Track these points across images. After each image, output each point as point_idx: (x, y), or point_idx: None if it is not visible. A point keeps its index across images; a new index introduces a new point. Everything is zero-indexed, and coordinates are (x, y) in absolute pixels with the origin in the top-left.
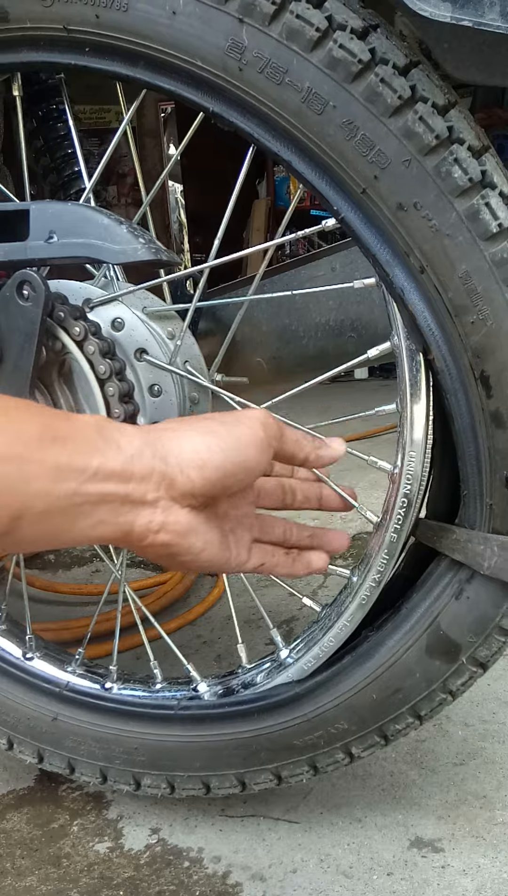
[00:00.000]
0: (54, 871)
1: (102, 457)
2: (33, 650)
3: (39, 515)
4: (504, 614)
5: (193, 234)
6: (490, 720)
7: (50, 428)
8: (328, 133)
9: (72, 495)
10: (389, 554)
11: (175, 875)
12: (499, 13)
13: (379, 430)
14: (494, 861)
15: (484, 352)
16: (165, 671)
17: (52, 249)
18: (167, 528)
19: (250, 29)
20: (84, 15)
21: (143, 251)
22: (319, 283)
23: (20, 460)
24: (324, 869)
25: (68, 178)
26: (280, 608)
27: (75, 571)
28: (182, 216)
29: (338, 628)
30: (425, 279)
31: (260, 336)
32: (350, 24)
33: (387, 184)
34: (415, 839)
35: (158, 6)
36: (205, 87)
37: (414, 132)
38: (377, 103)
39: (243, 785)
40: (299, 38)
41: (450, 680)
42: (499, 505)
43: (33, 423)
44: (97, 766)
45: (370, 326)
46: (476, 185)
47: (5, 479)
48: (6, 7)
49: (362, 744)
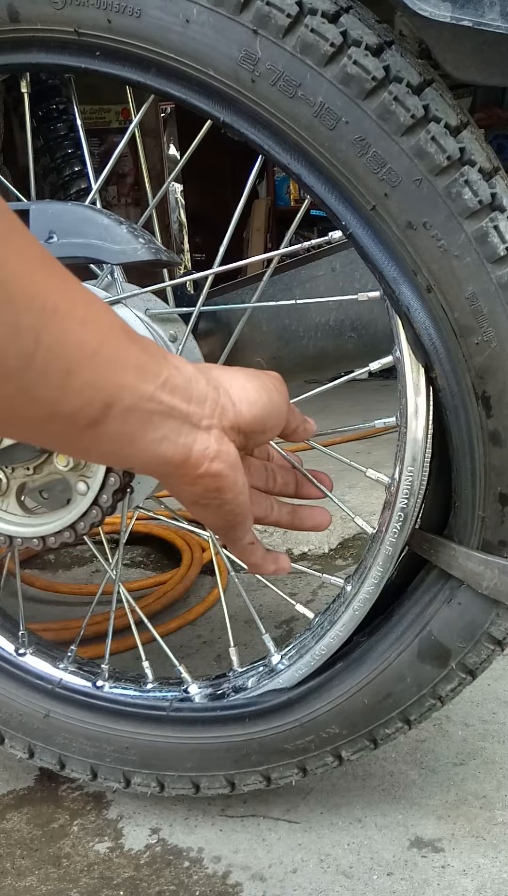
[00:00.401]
0: (54, 871)
1: (168, 370)
2: (26, 646)
3: (125, 412)
4: (493, 622)
5: (193, 233)
6: (490, 720)
7: (127, 327)
8: (340, 149)
9: (148, 399)
10: (384, 567)
11: (175, 875)
12: (499, 13)
13: (379, 430)
14: (494, 861)
15: (487, 373)
16: (166, 671)
17: (51, 249)
18: (221, 456)
19: (264, 41)
20: (96, 19)
21: (143, 251)
22: (319, 283)
23: (115, 347)
24: (324, 869)
25: (68, 178)
26: (280, 608)
27: (75, 571)
28: (182, 216)
29: (331, 637)
30: (432, 298)
31: (260, 336)
32: (365, 41)
33: (397, 202)
34: (415, 839)
35: (172, 14)
36: (216, 96)
37: (426, 152)
38: (389, 121)
39: (232, 786)
40: (314, 52)
41: (440, 685)
42: (491, 518)
43: (115, 318)
44: (88, 763)
45: (369, 326)
46: (486, 207)
47: (106, 360)
48: (17, 8)
49: (351, 747)
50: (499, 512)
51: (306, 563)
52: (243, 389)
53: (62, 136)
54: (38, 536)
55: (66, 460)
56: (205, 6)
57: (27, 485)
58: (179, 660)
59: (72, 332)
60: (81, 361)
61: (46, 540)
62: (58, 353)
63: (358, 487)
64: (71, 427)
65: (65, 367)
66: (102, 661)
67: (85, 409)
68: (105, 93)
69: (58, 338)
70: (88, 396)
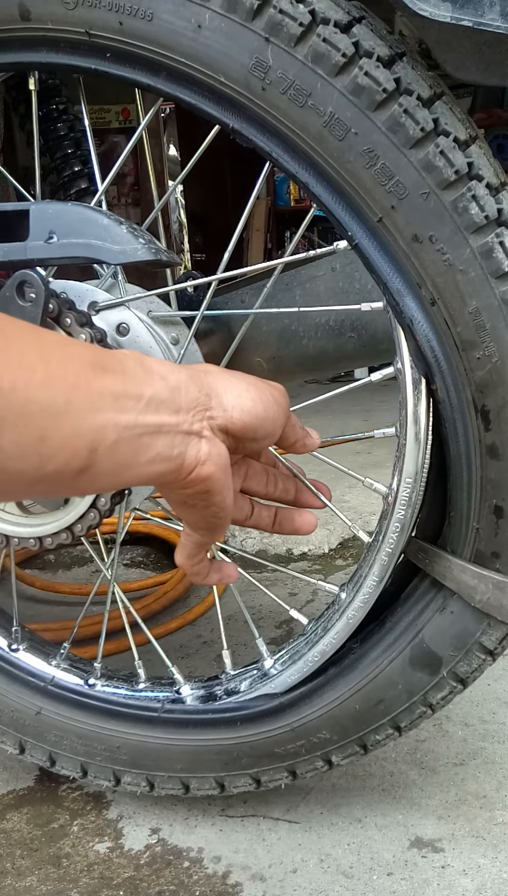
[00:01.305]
0: (54, 871)
1: (150, 387)
2: (19, 642)
3: (111, 447)
4: (485, 631)
5: (192, 233)
6: (490, 720)
7: (98, 358)
8: (348, 160)
9: (133, 426)
10: (379, 576)
11: (175, 875)
12: (499, 13)
13: None
14: (494, 861)
15: (487, 387)
16: (163, 671)
17: (51, 250)
18: (212, 458)
19: (275, 49)
20: (107, 21)
21: (143, 251)
22: (319, 283)
23: (87, 390)
24: (324, 869)
25: (68, 178)
26: (280, 608)
27: (75, 571)
28: (182, 216)
29: (324, 644)
30: (435, 312)
31: (260, 336)
32: (377, 52)
33: (404, 215)
34: (415, 839)
35: (184, 18)
36: (226, 102)
37: (434, 165)
38: (399, 134)
39: (222, 787)
40: (325, 62)
41: (431, 693)
42: (486, 530)
43: (82, 355)
44: (78, 761)
45: (369, 326)
46: (492, 223)
47: (78, 409)
48: (28, 6)
49: (342, 752)
50: (494, 524)
51: (307, 563)
52: (238, 397)
53: (62, 136)
54: (35, 537)
55: None
56: (217, 12)
57: None
58: (179, 659)
59: (35, 401)
60: (53, 423)
61: (43, 541)
62: (26, 425)
63: (358, 488)
64: (60, 480)
65: (38, 435)
66: (96, 660)
67: (70, 462)
68: (105, 93)
69: (21, 411)
70: (70, 450)
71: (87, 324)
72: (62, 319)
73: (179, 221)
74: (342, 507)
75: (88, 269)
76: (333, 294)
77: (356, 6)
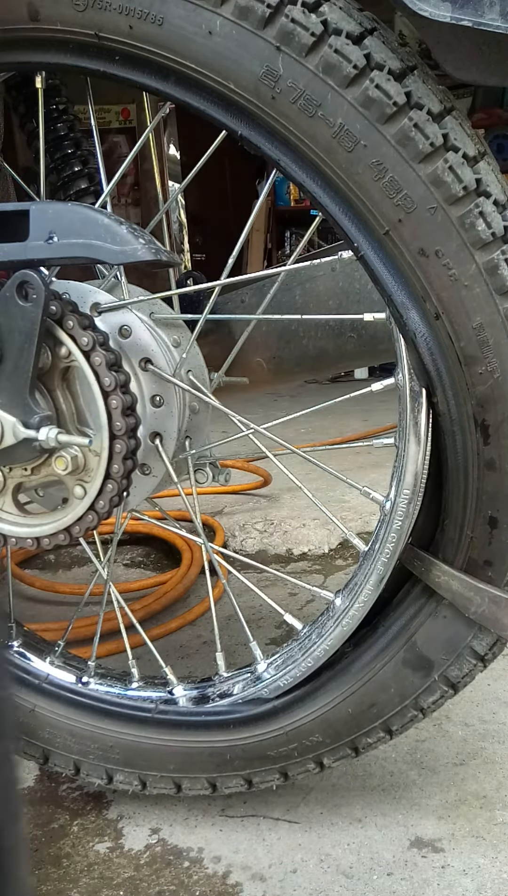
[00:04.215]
0: (54, 871)
1: None
2: (13, 639)
3: None
4: (476, 636)
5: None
6: (490, 720)
7: None
8: (357, 171)
9: None
10: (375, 585)
11: (175, 875)
12: (499, 13)
13: (378, 430)
14: (494, 861)
15: (488, 402)
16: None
17: (52, 250)
18: None
19: (286, 58)
20: (117, 24)
21: (143, 251)
22: (318, 283)
23: None
24: (324, 869)
25: (68, 178)
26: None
27: (75, 571)
28: (182, 216)
29: (319, 651)
30: (439, 326)
31: (260, 336)
32: (388, 65)
33: (411, 228)
34: (415, 839)
35: (195, 24)
36: (235, 110)
37: (443, 181)
38: (408, 147)
39: (213, 787)
40: (336, 73)
41: (422, 697)
42: (479, 539)
43: None
44: (71, 758)
45: (369, 327)
46: (498, 239)
47: None
48: (38, 7)
49: (333, 755)
50: (488, 534)
51: (307, 563)
52: None
53: (62, 137)
54: (32, 537)
55: (64, 464)
56: (229, 19)
57: (24, 485)
58: (179, 659)
59: None
60: None
61: (41, 541)
62: None
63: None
64: None
65: None
66: (90, 659)
67: None
68: (105, 93)
69: None
70: None
71: (89, 327)
72: (65, 322)
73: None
74: (342, 507)
75: (89, 268)
76: (333, 294)
77: (368, 17)
